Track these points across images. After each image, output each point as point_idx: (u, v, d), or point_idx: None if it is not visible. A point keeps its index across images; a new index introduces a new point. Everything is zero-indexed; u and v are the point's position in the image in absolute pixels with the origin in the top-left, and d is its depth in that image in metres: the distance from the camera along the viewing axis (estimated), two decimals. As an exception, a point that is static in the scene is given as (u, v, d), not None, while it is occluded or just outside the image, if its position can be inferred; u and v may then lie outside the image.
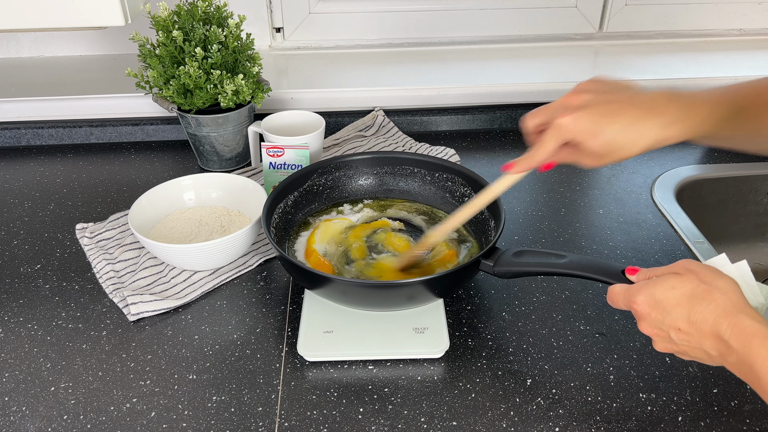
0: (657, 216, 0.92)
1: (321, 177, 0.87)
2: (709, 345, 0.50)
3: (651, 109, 0.58)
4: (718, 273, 0.52)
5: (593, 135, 0.58)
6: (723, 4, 1.30)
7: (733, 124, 0.60)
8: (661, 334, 0.54)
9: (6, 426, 0.62)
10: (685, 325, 0.51)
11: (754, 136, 0.62)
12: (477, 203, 0.69)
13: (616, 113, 0.58)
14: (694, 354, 0.53)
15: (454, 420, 0.62)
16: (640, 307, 0.54)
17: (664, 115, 0.57)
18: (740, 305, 0.50)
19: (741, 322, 0.48)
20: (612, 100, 0.59)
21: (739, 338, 0.48)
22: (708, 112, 0.58)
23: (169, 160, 1.07)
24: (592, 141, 0.58)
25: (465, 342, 0.71)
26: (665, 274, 0.54)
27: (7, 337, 0.72)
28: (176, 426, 0.62)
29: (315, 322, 0.71)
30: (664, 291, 0.52)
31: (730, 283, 0.51)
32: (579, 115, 0.58)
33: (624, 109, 0.58)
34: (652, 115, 0.57)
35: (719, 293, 0.50)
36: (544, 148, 0.61)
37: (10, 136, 1.11)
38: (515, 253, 0.69)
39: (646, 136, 0.57)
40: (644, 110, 0.57)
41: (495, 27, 1.29)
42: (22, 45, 1.23)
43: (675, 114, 0.57)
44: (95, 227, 0.88)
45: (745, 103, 0.60)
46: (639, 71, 1.19)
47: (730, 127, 0.60)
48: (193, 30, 0.91)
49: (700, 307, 0.50)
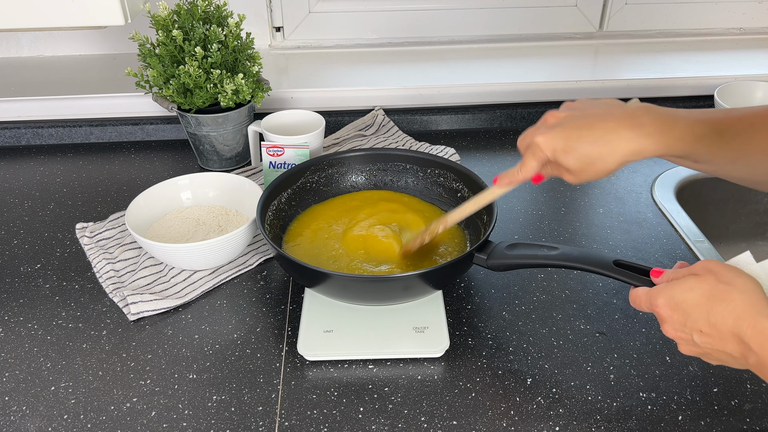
0: (657, 215, 0.92)
1: (314, 174, 0.87)
2: (731, 347, 0.50)
3: (625, 120, 0.57)
4: (738, 272, 0.52)
5: (566, 152, 0.58)
6: (723, 4, 1.30)
7: (711, 144, 0.59)
8: (684, 337, 0.53)
9: (6, 425, 0.62)
10: (706, 327, 0.51)
11: (733, 160, 0.60)
12: (464, 211, 0.71)
13: (588, 128, 0.58)
14: (719, 357, 0.52)
15: (454, 419, 0.62)
16: (661, 310, 0.53)
17: (639, 127, 0.57)
18: (761, 305, 0.49)
19: (761, 324, 0.48)
20: (587, 115, 0.59)
21: (759, 340, 0.48)
22: (685, 127, 0.58)
23: (169, 159, 1.07)
24: (567, 158, 0.58)
25: (465, 341, 0.71)
26: (686, 275, 0.54)
27: (7, 336, 0.72)
28: (176, 425, 0.62)
29: (315, 322, 0.71)
30: (683, 293, 0.52)
31: (750, 282, 0.50)
32: (552, 134, 0.59)
33: (596, 123, 0.58)
34: (626, 126, 0.57)
35: (738, 293, 0.50)
36: (525, 167, 0.62)
37: (10, 135, 1.11)
38: (508, 246, 0.70)
39: (619, 147, 0.57)
40: (618, 122, 0.57)
41: (495, 26, 1.29)
42: (22, 45, 1.23)
43: (651, 126, 0.57)
44: (95, 227, 0.88)
45: (724, 124, 0.59)
46: (639, 71, 1.19)
47: (708, 148, 0.59)
48: (193, 29, 0.91)
49: (719, 308, 0.50)
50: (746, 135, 0.59)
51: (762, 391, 0.65)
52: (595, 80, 1.15)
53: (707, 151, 0.59)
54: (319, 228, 0.83)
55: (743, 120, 0.60)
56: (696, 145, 0.58)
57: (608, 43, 1.31)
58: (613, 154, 0.57)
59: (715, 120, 0.59)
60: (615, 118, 0.57)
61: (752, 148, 0.59)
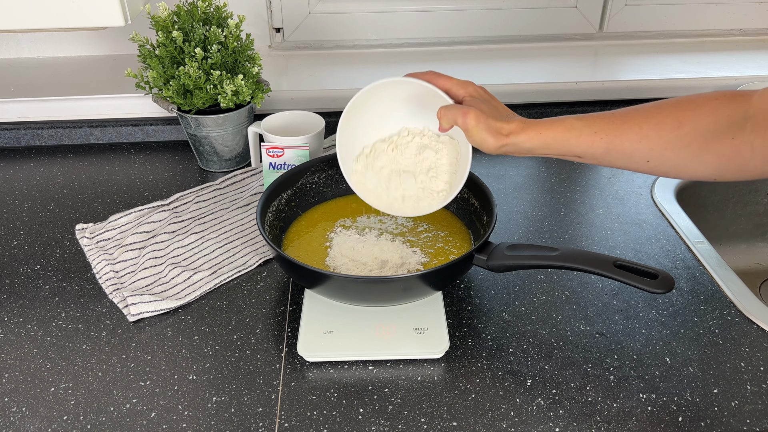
0: (657, 216, 0.92)
1: (314, 175, 0.87)
2: None
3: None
4: None
5: None
6: (723, 4, 1.30)
7: (597, 135, 0.63)
8: None
9: (6, 427, 0.62)
10: None
11: (630, 155, 0.64)
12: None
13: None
14: None
15: (454, 420, 0.62)
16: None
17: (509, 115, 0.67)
18: None
19: None
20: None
21: None
22: (560, 119, 0.64)
23: (169, 160, 1.07)
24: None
25: (465, 342, 0.71)
26: None
27: (6, 337, 0.72)
28: (176, 426, 0.62)
29: (315, 323, 0.71)
30: None
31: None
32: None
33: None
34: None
35: None
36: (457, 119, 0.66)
37: (10, 136, 1.11)
38: (508, 247, 0.71)
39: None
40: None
41: (495, 27, 1.29)
42: (22, 45, 1.23)
43: (519, 118, 0.66)
44: (95, 228, 0.88)
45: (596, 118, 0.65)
46: (639, 71, 1.19)
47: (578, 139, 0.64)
48: (193, 30, 0.91)
49: None
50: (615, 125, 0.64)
51: (762, 393, 0.65)
52: (595, 81, 1.15)
53: (577, 142, 0.64)
54: (320, 229, 0.83)
55: (615, 114, 0.64)
56: (576, 129, 0.63)
57: (608, 44, 1.31)
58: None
59: (598, 117, 0.64)
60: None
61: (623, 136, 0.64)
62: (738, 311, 0.75)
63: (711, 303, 0.76)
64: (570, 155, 0.65)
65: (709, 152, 0.61)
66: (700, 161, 0.62)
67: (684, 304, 0.76)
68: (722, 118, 0.60)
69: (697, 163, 0.62)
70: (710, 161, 0.61)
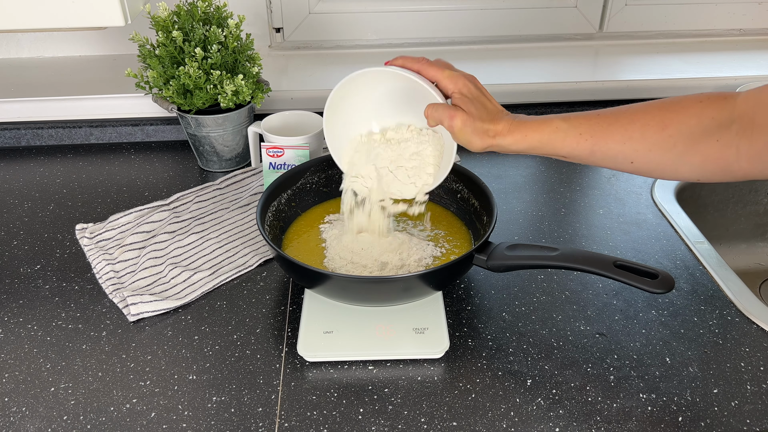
0: (657, 216, 0.92)
1: (314, 175, 0.87)
2: None
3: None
4: None
5: None
6: (723, 4, 1.30)
7: (585, 136, 0.64)
8: None
9: (6, 426, 0.62)
10: None
11: (613, 157, 0.64)
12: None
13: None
14: None
15: (454, 420, 0.62)
16: None
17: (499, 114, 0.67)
18: None
19: None
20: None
21: None
22: (547, 120, 0.65)
23: (169, 160, 1.07)
24: None
25: (465, 342, 0.71)
26: None
27: (6, 337, 0.72)
28: (176, 426, 0.62)
29: (315, 323, 0.71)
30: None
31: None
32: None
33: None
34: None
35: None
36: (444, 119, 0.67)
37: (10, 136, 1.11)
38: (508, 247, 0.71)
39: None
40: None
41: (495, 27, 1.29)
42: (22, 45, 1.23)
43: (507, 118, 0.67)
44: (95, 228, 0.88)
45: (592, 119, 0.65)
46: (639, 71, 1.19)
47: (578, 137, 0.64)
48: (193, 30, 0.91)
49: None
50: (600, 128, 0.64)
51: (762, 393, 0.65)
52: (595, 81, 1.15)
53: (563, 143, 0.65)
54: (319, 229, 0.83)
55: (600, 115, 0.65)
56: (562, 130, 0.64)
57: (608, 44, 1.31)
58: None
59: (584, 118, 0.65)
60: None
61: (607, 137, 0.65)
62: (738, 311, 0.75)
63: (711, 303, 0.76)
64: (555, 156, 0.66)
65: (693, 154, 0.61)
66: (685, 163, 0.62)
67: (684, 304, 0.76)
68: (707, 120, 0.60)
69: (681, 164, 0.62)
70: (695, 163, 0.61)
